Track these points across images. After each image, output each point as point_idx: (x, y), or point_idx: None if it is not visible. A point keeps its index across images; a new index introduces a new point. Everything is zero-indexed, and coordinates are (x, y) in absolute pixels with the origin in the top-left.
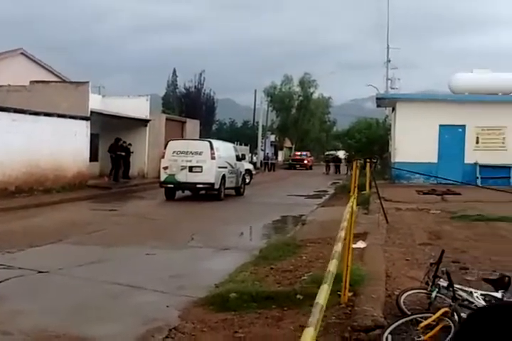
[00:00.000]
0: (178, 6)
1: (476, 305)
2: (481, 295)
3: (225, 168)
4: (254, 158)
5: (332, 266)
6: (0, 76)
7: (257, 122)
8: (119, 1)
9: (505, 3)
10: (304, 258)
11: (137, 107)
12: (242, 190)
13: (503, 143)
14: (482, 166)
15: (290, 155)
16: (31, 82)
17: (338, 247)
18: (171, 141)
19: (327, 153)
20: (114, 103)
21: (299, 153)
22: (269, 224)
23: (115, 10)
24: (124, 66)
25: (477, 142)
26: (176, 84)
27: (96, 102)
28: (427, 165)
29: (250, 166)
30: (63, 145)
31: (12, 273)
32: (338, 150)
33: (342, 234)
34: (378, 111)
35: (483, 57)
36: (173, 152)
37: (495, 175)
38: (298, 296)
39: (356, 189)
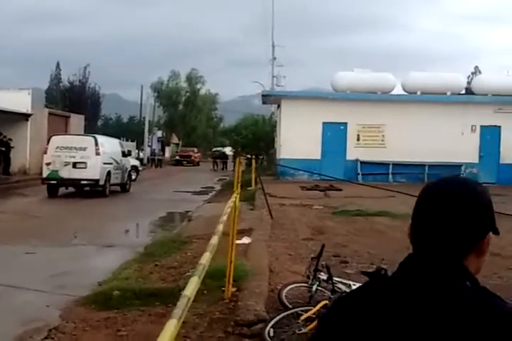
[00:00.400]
0: None
1: None
2: None
3: (111, 164)
4: (141, 154)
5: (204, 259)
6: None
7: (144, 118)
8: None
9: (385, 6)
10: (189, 254)
11: (18, 101)
12: (128, 186)
13: (382, 140)
14: (363, 163)
15: (177, 152)
16: None
17: (214, 240)
18: (54, 136)
19: (214, 149)
20: None
21: (186, 149)
22: (155, 221)
23: None
24: (5, 59)
25: (358, 139)
26: (60, 78)
27: None
28: (311, 161)
29: (137, 162)
30: None
31: None
32: (225, 146)
33: (220, 227)
34: (265, 108)
35: (364, 57)
36: (57, 147)
37: (375, 172)
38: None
39: (240, 185)
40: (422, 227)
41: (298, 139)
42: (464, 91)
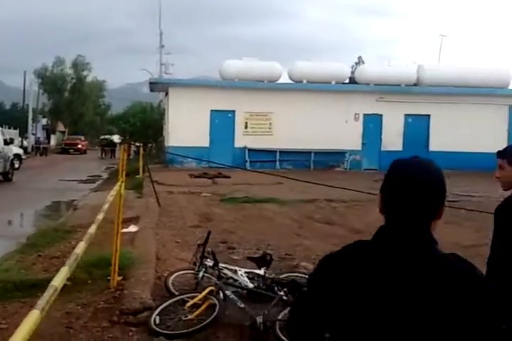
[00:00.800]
0: None
1: (240, 283)
2: (245, 272)
3: None
4: (25, 143)
5: (79, 249)
6: None
7: (27, 105)
8: None
9: None
10: (74, 243)
11: None
12: (10, 175)
13: (269, 128)
14: (251, 150)
15: (63, 140)
16: None
17: (92, 229)
18: None
19: (102, 137)
20: None
21: (72, 137)
22: (40, 211)
23: None
24: None
25: (246, 127)
26: None
27: None
28: (200, 149)
29: (20, 151)
30: None
31: None
32: (113, 134)
33: (100, 216)
34: (154, 95)
35: (253, 46)
36: None
37: (262, 159)
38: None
39: (125, 172)
40: (397, 200)
41: (186, 127)
42: (347, 81)
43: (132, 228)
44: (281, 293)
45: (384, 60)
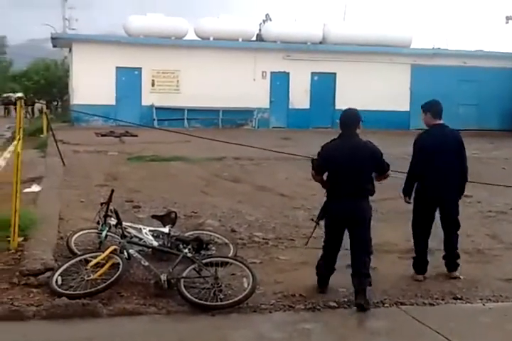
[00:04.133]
0: None
1: (144, 241)
2: (150, 231)
3: None
4: None
5: None
6: None
7: None
8: None
9: None
10: None
11: None
12: None
13: (177, 86)
14: (158, 108)
15: None
16: None
17: None
18: None
19: (4, 95)
20: None
21: None
22: None
23: None
24: None
25: (153, 85)
26: None
27: None
28: (106, 107)
29: None
30: None
31: None
32: (16, 92)
33: None
34: (58, 51)
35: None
36: None
37: (170, 117)
38: None
39: (22, 130)
40: (344, 123)
41: (91, 84)
42: (255, 38)
43: (35, 188)
44: (186, 250)
45: (292, 18)
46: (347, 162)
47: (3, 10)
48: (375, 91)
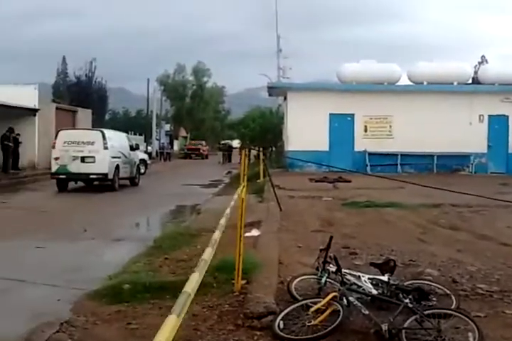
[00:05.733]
0: None
1: (363, 289)
2: (369, 278)
3: (119, 158)
4: (149, 148)
5: (206, 255)
6: None
7: (151, 111)
8: None
9: None
10: (199, 247)
11: (25, 96)
12: (136, 180)
13: (389, 131)
14: (371, 154)
15: (185, 145)
16: None
17: (216, 235)
18: (62, 131)
19: (222, 142)
20: (1, 92)
21: (194, 143)
22: (164, 214)
23: None
24: (11, 53)
25: (365, 130)
26: (67, 73)
27: None
28: (319, 153)
29: (145, 156)
30: None
31: None
32: (233, 139)
33: (223, 221)
34: (272, 100)
35: (370, 48)
36: (64, 142)
37: (383, 163)
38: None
39: (246, 177)
40: None
41: (305, 131)
42: (470, 81)
43: (254, 232)
44: (407, 300)
45: (509, 59)
46: None
47: (223, 61)
48: None
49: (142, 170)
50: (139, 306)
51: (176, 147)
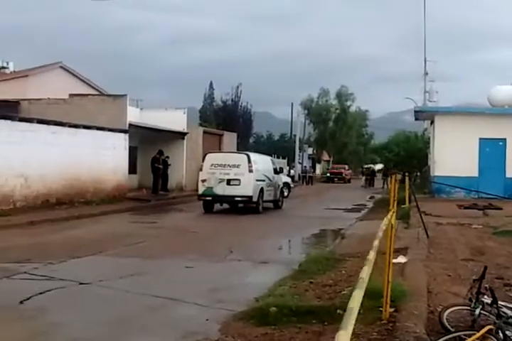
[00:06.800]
0: (212, 18)
1: None
2: None
3: (263, 181)
4: (292, 171)
5: (364, 273)
6: (40, 89)
7: (295, 135)
8: (152, 15)
9: None
10: (344, 272)
11: (175, 120)
12: (280, 203)
13: None
14: None
15: (328, 169)
16: (70, 95)
17: (371, 256)
18: (209, 154)
19: (365, 166)
20: (152, 116)
21: (336, 166)
22: (307, 238)
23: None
24: (160, 79)
25: None
26: (213, 97)
27: (134, 115)
28: (468, 179)
29: (288, 179)
30: (102, 158)
31: (54, 284)
32: (376, 163)
33: (376, 243)
34: (416, 124)
35: None
36: (211, 165)
37: None
38: (338, 311)
39: (395, 203)
40: None
41: (453, 156)
42: None
43: (401, 259)
44: None
45: None
46: None
47: (366, 84)
48: None
49: (285, 194)
50: (286, 330)
51: (318, 171)
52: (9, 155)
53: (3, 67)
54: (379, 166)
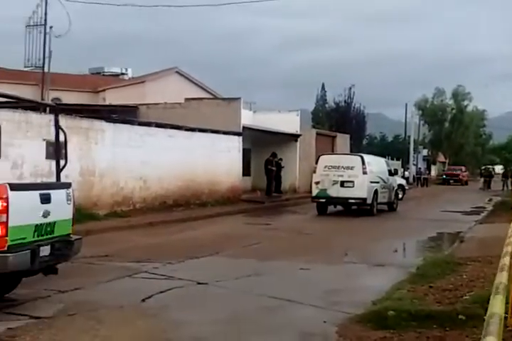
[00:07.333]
0: (323, 20)
1: None
2: None
3: (377, 182)
4: (406, 173)
5: (503, 278)
6: (156, 94)
7: (409, 136)
8: (262, 19)
9: None
10: (464, 277)
11: (288, 122)
12: (394, 205)
13: None
14: None
15: (443, 170)
16: (186, 99)
17: (506, 260)
18: (323, 156)
19: (484, 167)
20: (265, 118)
21: (453, 168)
22: (424, 241)
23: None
24: (272, 81)
25: None
26: (325, 99)
27: (247, 118)
28: None
29: (403, 181)
30: (217, 160)
31: (173, 283)
32: (495, 164)
33: (509, 248)
34: None
35: None
36: (325, 167)
37: None
38: (460, 316)
39: None
40: None
41: None
42: None
43: None
44: None
45: None
46: None
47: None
48: None
49: (400, 196)
50: (405, 334)
51: (433, 172)
52: (129, 158)
53: (123, 74)
54: (498, 167)
